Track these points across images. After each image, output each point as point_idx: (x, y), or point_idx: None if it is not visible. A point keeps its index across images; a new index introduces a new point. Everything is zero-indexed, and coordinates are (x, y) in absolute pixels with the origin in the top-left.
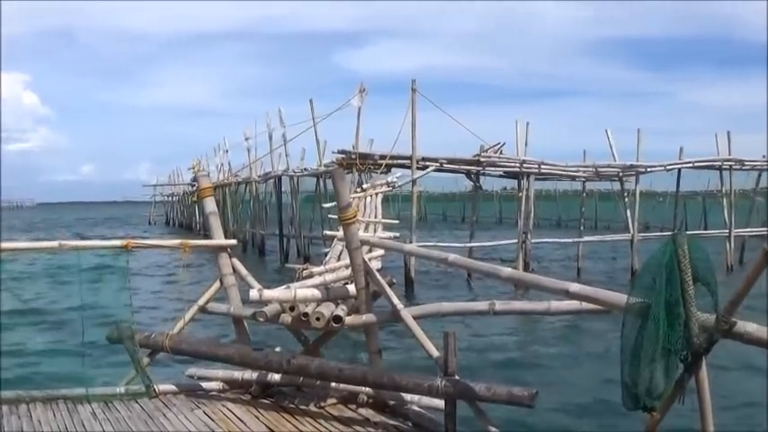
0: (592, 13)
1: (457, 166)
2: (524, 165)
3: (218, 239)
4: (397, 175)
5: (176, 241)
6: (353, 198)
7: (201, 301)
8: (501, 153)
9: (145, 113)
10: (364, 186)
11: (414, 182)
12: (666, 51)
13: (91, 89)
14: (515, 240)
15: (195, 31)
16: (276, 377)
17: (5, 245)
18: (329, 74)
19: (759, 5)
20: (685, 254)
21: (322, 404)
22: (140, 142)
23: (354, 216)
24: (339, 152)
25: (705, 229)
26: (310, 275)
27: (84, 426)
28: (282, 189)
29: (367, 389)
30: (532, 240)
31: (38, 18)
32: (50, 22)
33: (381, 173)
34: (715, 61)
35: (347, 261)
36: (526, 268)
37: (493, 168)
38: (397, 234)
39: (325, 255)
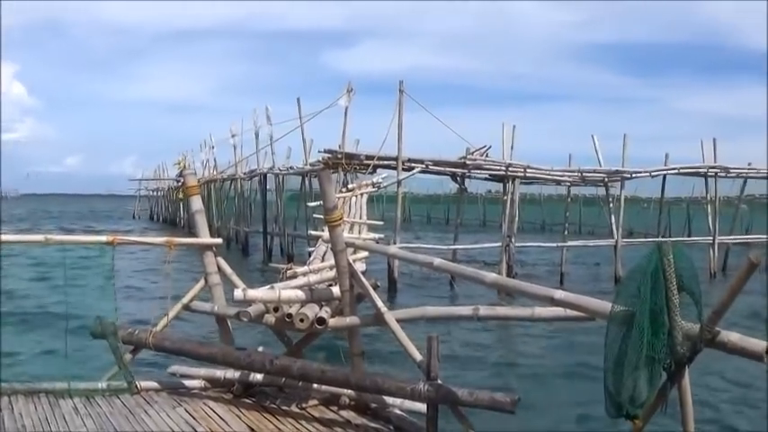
0: (580, 17)
1: (442, 168)
2: (510, 168)
3: (204, 238)
4: (382, 175)
5: (162, 239)
6: (339, 198)
7: (186, 299)
8: (487, 156)
9: (132, 107)
10: (350, 186)
11: (399, 183)
12: (654, 57)
13: (79, 81)
14: (499, 244)
15: (184, 27)
16: (258, 377)
17: None
18: (317, 73)
19: (747, 13)
20: (670, 262)
21: (304, 405)
22: (127, 136)
23: (340, 218)
24: (325, 151)
25: (689, 235)
26: (294, 275)
27: (65, 420)
28: (267, 187)
29: (349, 391)
30: (516, 244)
31: (28, 8)
32: (40, 13)
33: (367, 173)
34: (702, 68)
35: (331, 262)
36: (509, 272)
37: (478, 171)
38: (382, 235)
39: (309, 254)
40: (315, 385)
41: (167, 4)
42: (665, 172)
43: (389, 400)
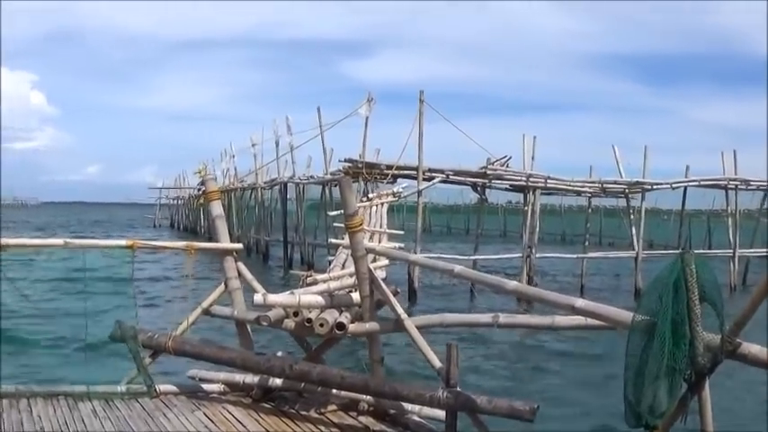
0: (598, 28)
1: (463, 179)
2: (531, 179)
3: (224, 243)
4: (402, 185)
5: (182, 243)
6: (359, 207)
7: (205, 304)
8: (507, 166)
9: (150, 116)
10: (370, 196)
11: (419, 193)
12: (672, 67)
13: (97, 90)
14: (520, 254)
15: (201, 36)
16: (277, 381)
17: (11, 241)
18: (335, 82)
19: (765, 22)
20: (693, 273)
21: (322, 410)
22: (145, 145)
23: (361, 224)
24: (346, 161)
25: (709, 248)
26: (314, 282)
27: (84, 423)
28: (288, 196)
29: (368, 397)
30: (537, 255)
31: (46, 18)
32: (58, 22)
33: (387, 183)
34: (721, 78)
35: (351, 269)
36: (530, 283)
37: (499, 181)
38: (402, 245)
39: (329, 263)
40: (334, 391)
41: (184, 13)
42: (685, 184)
43: (408, 406)
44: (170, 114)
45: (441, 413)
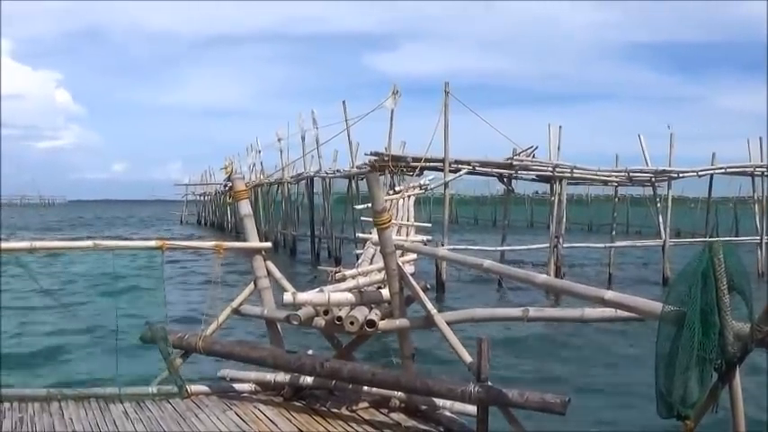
0: (621, 17)
1: (489, 170)
2: (557, 169)
3: (253, 242)
4: (429, 177)
5: (211, 243)
6: (386, 200)
7: (235, 304)
8: (533, 157)
9: (175, 113)
10: (397, 189)
11: (446, 185)
12: (698, 55)
13: (123, 88)
14: (547, 245)
15: (225, 32)
16: (308, 380)
17: (41, 244)
18: (359, 76)
19: None
20: (721, 262)
21: (354, 407)
22: (170, 141)
23: (389, 220)
24: (372, 154)
25: (736, 235)
26: (343, 278)
27: (115, 424)
28: (314, 190)
29: (399, 393)
30: (564, 245)
31: (70, 17)
32: (82, 21)
33: (414, 175)
34: (747, 66)
35: (380, 264)
36: (557, 273)
37: (525, 172)
38: (430, 237)
39: (357, 257)
40: (365, 388)
41: (209, 10)
42: (712, 171)
43: (440, 402)
44: (195, 111)
45: (472, 408)
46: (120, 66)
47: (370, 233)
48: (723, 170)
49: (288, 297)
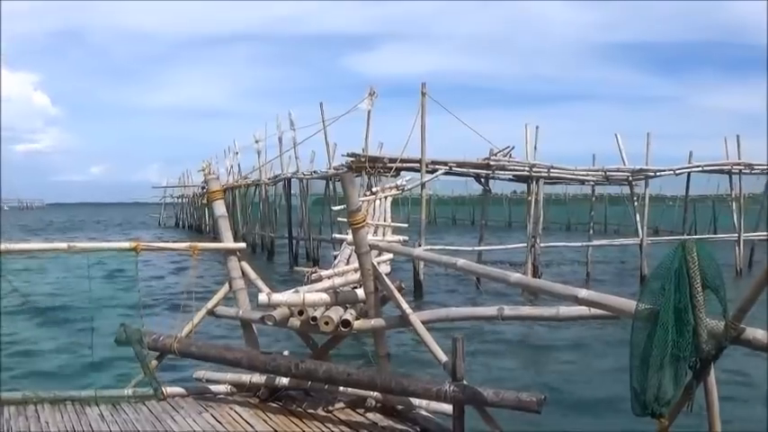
0: (601, 17)
1: (466, 170)
2: (534, 169)
3: (228, 243)
4: (406, 178)
5: (185, 244)
6: (363, 201)
7: (210, 305)
8: (510, 157)
9: (154, 114)
10: (374, 189)
11: (423, 185)
12: (676, 55)
13: (101, 89)
14: (524, 244)
15: (204, 33)
16: (284, 381)
17: (15, 246)
18: (339, 76)
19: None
20: (695, 260)
21: (330, 408)
22: (150, 143)
23: (364, 220)
24: (349, 155)
25: (714, 233)
26: (319, 279)
27: (91, 427)
28: (292, 191)
29: (375, 393)
30: (542, 244)
31: (48, 18)
32: (61, 21)
33: (391, 176)
34: (724, 65)
35: (356, 265)
36: (535, 272)
37: (502, 172)
38: (406, 237)
39: (334, 258)
40: (341, 388)
41: (188, 11)
42: (689, 170)
43: (416, 401)
44: (174, 112)
45: (448, 407)
46: (100, 67)
47: (347, 234)
48: (700, 168)
49: (263, 298)
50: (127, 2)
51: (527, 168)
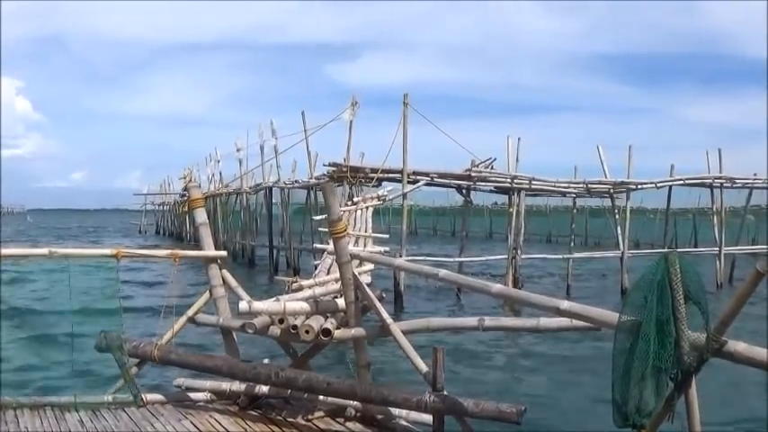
0: (583, 28)
1: (448, 181)
2: (515, 180)
3: (209, 250)
4: (387, 188)
5: (166, 251)
6: (344, 211)
7: (190, 312)
8: (492, 168)
9: (136, 121)
10: (355, 200)
11: (404, 196)
12: (657, 67)
13: (83, 95)
14: (505, 256)
15: (187, 40)
16: (264, 389)
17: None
18: (321, 86)
19: (749, 21)
20: (677, 272)
21: (310, 417)
22: (132, 150)
23: (344, 230)
24: (330, 165)
25: (695, 246)
26: (300, 288)
27: None
28: (273, 200)
29: (355, 403)
30: (522, 256)
31: (30, 23)
32: (43, 28)
33: (372, 186)
34: (706, 78)
35: (337, 275)
36: (516, 284)
37: (484, 183)
38: (387, 248)
39: (315, 267)
40: (321, 397)
41: (170, 17)
42: (670, 183)
43: (395, 411)
44: (156, 119)
45: (428, 417)
46: (82, 73)
47: (328, 244)
48: (682, 182)
49: (243, 306)
50: (109, 6)
51: (508, 180)
